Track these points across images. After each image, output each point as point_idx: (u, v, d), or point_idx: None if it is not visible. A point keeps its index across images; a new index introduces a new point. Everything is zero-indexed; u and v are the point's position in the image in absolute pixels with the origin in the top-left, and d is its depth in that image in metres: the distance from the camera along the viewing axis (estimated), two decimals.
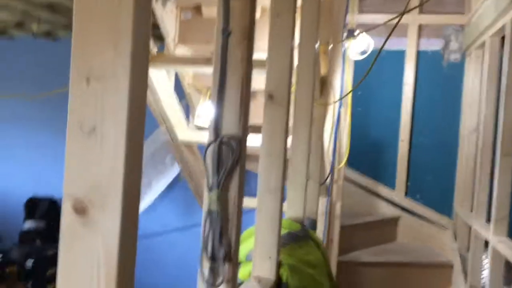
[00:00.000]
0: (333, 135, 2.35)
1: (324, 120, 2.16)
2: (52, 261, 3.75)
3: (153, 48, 2.25)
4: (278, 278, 1.25)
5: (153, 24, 2.33)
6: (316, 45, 1.77)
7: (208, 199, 0.86)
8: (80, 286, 0.48)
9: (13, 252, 3.56)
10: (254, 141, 2.53)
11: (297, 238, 1.43)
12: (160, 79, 2.41)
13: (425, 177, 3.41)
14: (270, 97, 1.27)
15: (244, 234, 1.51)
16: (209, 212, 0.86)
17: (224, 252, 0.85)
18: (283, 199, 1.28)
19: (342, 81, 2.38)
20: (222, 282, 0.84)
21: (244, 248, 1.38)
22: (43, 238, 3.76)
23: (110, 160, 0.47)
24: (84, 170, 0.48)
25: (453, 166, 3.33)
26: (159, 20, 2.32)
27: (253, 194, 1.34)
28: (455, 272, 2.90)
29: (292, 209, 1.61)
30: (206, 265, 0.86)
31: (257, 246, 1.26)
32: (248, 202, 2.63)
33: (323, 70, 2.13)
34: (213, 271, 0.85)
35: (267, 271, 1.24)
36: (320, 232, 2.38)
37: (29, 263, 3.54)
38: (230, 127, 0.88)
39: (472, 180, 3.03)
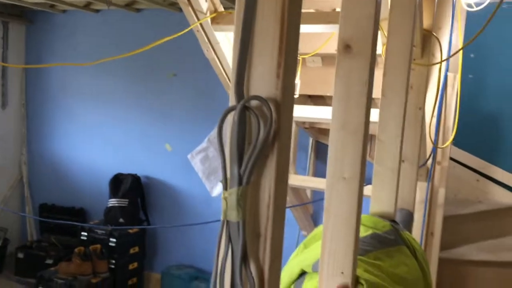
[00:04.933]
0: (437, 106, 1.89)
1: (426, 86, 1.71)
2: (134, 240, 3.72)
3: (219, 6, 1.95)
4: None
5: None
6: None
7: (223, 203, 0.53)
8: None
9: (97, 230, 3.58)
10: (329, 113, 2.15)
11: (384, 243, 1.05)
12: (229, 44, 2.11)
13: None
14: (346, 47, 0.90)
15: (314, 233, 1.17)
16: (226, 224, 0.53)
17: (251, 286, 0.52)
18: (362, 188, 0.92)
19: (451, 37, 1.89)
20: None
21: (311, 254, 1.04)
22: (126, 216, 3.73)
23: None
24: None
25: None
26: None
27: None
28: None
29: (379, 201, 1.23)
30: None
31: (325, 255, 0.91)
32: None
33: (426, 22, 1.67)
34: None
35: None
36: (417, 225, 1.96)
37: (112, 241, 3.52)
38: (261, 84, 0.54)
39: None
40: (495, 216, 2.71)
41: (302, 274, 1.03)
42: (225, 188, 0.53)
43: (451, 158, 2.70)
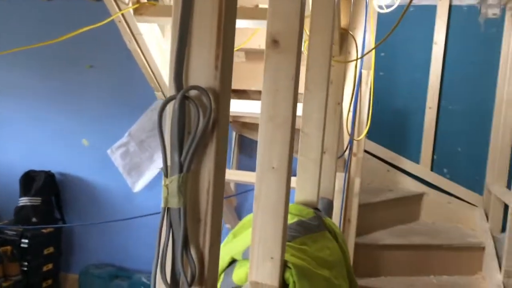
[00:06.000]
0: (353, 101, 2.01)
1: (344, 82, 1.82)
2: (48, 240, 3.53)
3: None
4: (283, 285, 0.95)
5: None
6: None
7: (164, 190, 0.54)
8: None
9: (7, 231, 3.34)
10: (254, 107, 2.20)
11: (308, 229, 1.12)
12: (152, 35, 2.08)
13: (453, 149, 3.06)
14: (274, 42, 0.94)
15: (242, 223, 1.20)
16: (167, 211, 0.54)
17: (191, 272, 0.54)
18: (290, 178, 0.96)
19: (364, 36, 2.02)
20: None
21: (241, 242, 1.08)
22: (39, 215, 3.53)
23: None
24: None
25: (486, 137, 2.96)
26: None
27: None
28: (486, 255, 2.59)
29: (303, 191, 1.30)
30: None
31: (255, 243, 0.95)
32: (250, 176, 2.32)
33: (343, 21, 1.77)
34: None
35: (268, 275, 0.94)
36: (336, 213, 2.08)
37: (24, 242, 3.32)
38: (200, 75, 0.56)
39: (509, 153, 2.68)
40: (404, 204, 2.95)
41: (232, 262, 1.06)
42: (166, 175, 0.54)
43: (365, 150, 2.88)
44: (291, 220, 1.14)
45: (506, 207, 2.62)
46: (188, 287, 0.53)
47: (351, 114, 2.10)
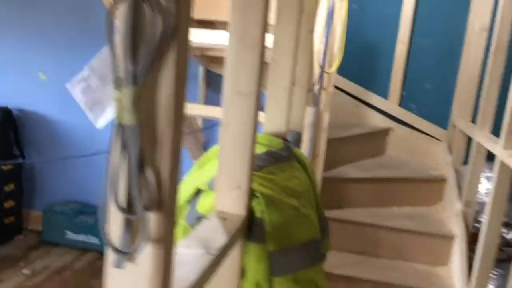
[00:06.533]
0: (325, 31, 1.93)
1: (316, 9, 1.73)
2: (8, 177, 3.42)
3: None
4: (250, 213, 0.92)
5: None
6: None
7: (117, 104, 0.47)
8: None
9: None
10: (223, 39, 2.09)
11: (278, 159, 1.08)
12: None
13: (422, 85, 3.06)
14: None
15: (208, 153, 1.15)
16: (120, 127, 0.48)
17: (149, 196, 0.49)
18: (259, 104, 0.91)
19: None
20: (142, 247, 0.49)
21: (206, 172, 1.03)
22: None
23: None
24: None
25: (455, 72, 2.96)
26: None
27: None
28: (448, 186, 2.67)
29: (272, 121, 1.25)
30: (117, 219, 0.49)
31: (222, 171, 0.90)
32: (217, 111, 2.25)
33: None
34: (129, 228, 0.49)
35: (235, 204, 0.91)
36: (305, 147, 2.06)
37: None
38: None
39: (476, 88, 2.70)
40: (371, 138, 2.97)
41: (198, 192, 1.02)
42: (118, 88, 0.47)
43: (334, 86, 2.84)
44: (260, 150, 1.10)
45: (469, 140, 2.68)
46: (145, 211, 0.48)
47: (322, 46, 2.02)
